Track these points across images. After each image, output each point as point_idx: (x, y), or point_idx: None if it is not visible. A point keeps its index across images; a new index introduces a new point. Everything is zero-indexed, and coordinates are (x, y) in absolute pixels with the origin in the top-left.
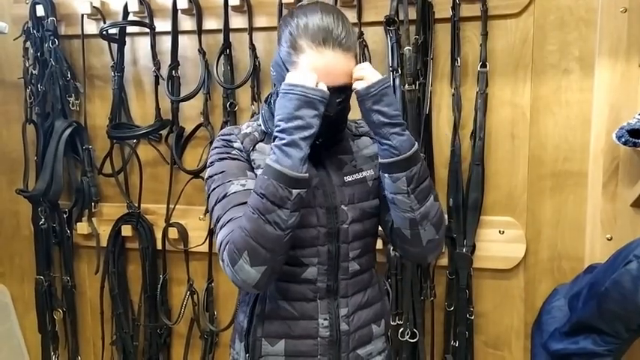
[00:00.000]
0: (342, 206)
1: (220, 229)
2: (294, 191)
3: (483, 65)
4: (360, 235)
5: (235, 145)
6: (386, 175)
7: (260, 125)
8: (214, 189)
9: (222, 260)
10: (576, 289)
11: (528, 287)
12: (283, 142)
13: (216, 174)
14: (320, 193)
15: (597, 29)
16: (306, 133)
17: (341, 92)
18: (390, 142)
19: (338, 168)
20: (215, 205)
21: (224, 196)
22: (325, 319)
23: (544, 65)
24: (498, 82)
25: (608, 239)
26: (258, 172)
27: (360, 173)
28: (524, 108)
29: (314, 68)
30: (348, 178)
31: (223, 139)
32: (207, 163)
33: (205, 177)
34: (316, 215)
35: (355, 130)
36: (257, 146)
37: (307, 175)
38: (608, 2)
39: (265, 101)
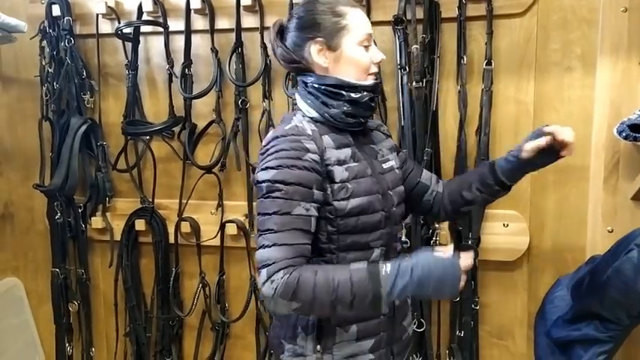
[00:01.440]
0: (389, 191)
1: (273, 245)
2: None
3: (489, 63)
4: (401, 217)
5: (309, 147)
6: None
7: (305, 116)
8: (277, 198)
9: (272, 281)
10: (578, 279)
11: (532, 278)
12: (412, 292)
13: (285, 183)
14: (375, 180)
15: (599, 28)
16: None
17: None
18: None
19: (374, 156)
20: (272, 214)
21: (286, 213)
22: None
23: (547, 63)
24: (503, 80)
25: (609, 231)
26: (333, 168)
27: (388, 163)
28: (528, 104)
29: (362, 25)
30: (384, 166)
31: (293, 140)
32: (272, 164)
33: (267, 178)
34: (378, 201)
35: (369, 124)
36: (325, 143)
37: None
38: (610, 2)
39: (306, 92)
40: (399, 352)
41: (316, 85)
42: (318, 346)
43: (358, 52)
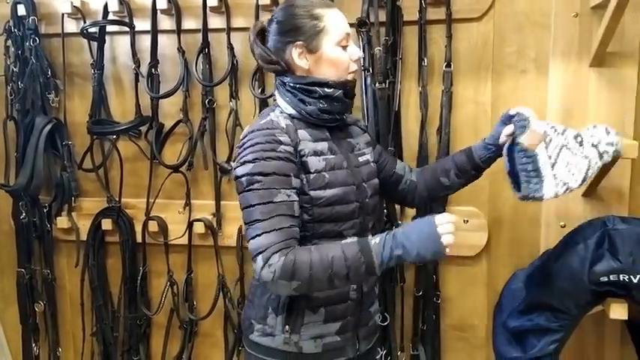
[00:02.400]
0: (364, 183)
1: (263, 233)
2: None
3: (448, 65)
4: (375, 208)
5: (282, 139)
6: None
7: (283, 112)
8: (257, 189)
9: (269, 266)
10: (531, 271)
11: (491, 272)
12: (400, 254)
13: (262, 174)
14: (350, 173)
15: (551, 33)
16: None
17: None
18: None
19: (351, 150)
20: (256, 205)
21: (269, 202)
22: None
23: (503, 66)
24: (462, 81)
25: (562, 226)
26: (308, 159)
27: (364, 156)
28: (486, 105)
29: (339, 25)
30: (360, 159)
31: (267, 134)
32: (249, 158)
33: (245, 172)
34: (353, 192)
35: (345, 118)
36: (299, 135)
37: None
38: (561, 8)
39: (284, 90)
40: (365, 337)
41: (292, 84)
42: (287, 327)
43: (337, 53)
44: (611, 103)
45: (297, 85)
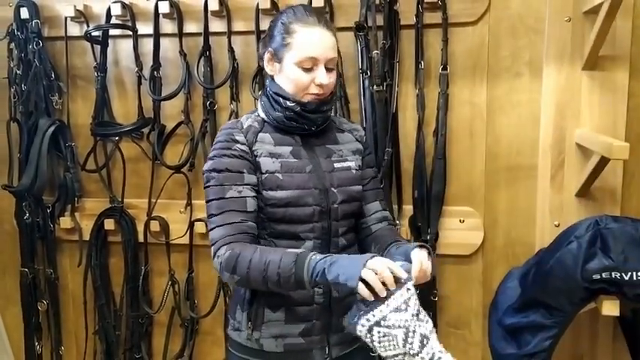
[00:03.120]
0: (332, 189)
1: (215, 227)
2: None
3: (444, 68)
4: (348, 214)
5: (239, 138)
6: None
7: (259, 115)
8: (213, 186)
9: (217, 257)
10: (526, 269)
11: (486, 271)
12: (327, 276)
13: (216, 171)
14: (314, 177)
15: (545, 37)
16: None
17: (331, 68)
18: None
19: (327, 156)
20: (210, 201)
21: (220, 198)
22: (320, 288)
23: (498, 68)
24: (458, 84)
25: (556, 225)
26: (261, 160)
27: (346, 162)
28: (481, 107)
29: (306, 47)
30: (336, 165)
31: (227, 134)
32: (210, 156)
33: (205, 169)
34: (312, 196)
35: (339, 125)
36: (259, 137)
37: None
38: (554, 12)
39: (263, 94)
40: (339, 344)
41: (268, 89)
42: (249, 323)
43: (294, 72)
44: (602, 105)
45: (271, 92)
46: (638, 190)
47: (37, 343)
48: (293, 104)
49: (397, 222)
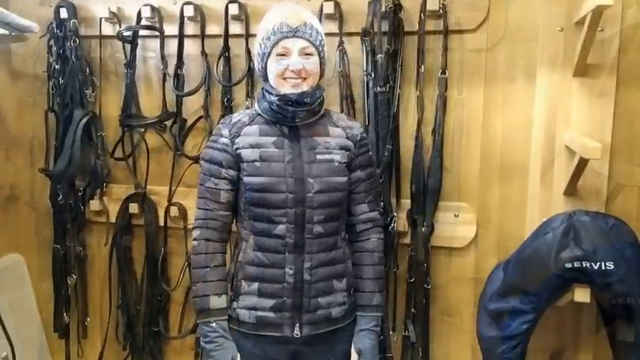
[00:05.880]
0: (309, 178)
1: (197, 207)
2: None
3: (443, 72)
4: (324, 203)
5: (224, 132)
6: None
7: (255, 109)
8: (200, 173)
9: (192, 233)
10: (509, 258)
11: (478, 263)
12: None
13: (204, 160)
14: (290, 166)
15: (539, 44)
16: None
17: (308, 54)
18: None
19: (312, 147)
20: (199, 185)
21: (202, 185)
22: (291, 269)
23: (494, 73)
24: (456, 87)
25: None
26: (241, 151)
27: (330, 155)
28: (478, 109)
29: (277, 28)
30: (319, 157)
31: (217, 128)
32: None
33: (200, 156)
34: (286, 184)
35: (336, 121)
36: (243, 131)
37: None
38: (548, 22)
39: (261, 89)
40: (310, 323)
41: (263, 85)
42: (231, 293)
43: (272, 63)
44: (591, 109)
45: (263, 87)
46: (623, 191)
47: (65, 314)
48: (275, 98)
49: (394, 214)
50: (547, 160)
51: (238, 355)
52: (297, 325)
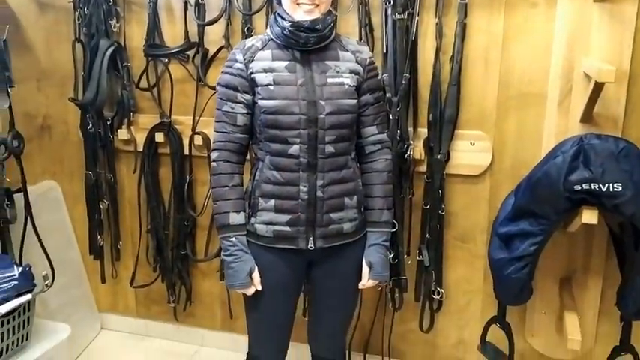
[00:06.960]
0: (321, 101)
1: (215, 131)
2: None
3: None
4: (335, 125)
5: (238, 57)
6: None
7: (267, 34)
8: (217, 98)
9: (212, 160)
10: (520, 183)
11: (492, 191)
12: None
13: (220, 85)
14: (303, 89)
15: None
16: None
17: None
18: None
19: (323, 71)
20: (216, 109)
21: (219, 109)
22: (304, 187)
23: None
24: (476, 13)
25: None
26: (255, 75)
27: (340, 78)
28: (498, 36)
29: None
30: (330, 80)
31: (232, 53)
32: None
33: (217, 81)
34: (298, 106)
35: (346, 45)
36: (256, 56)
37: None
38: None
39: (274, 14)
40: (323, 237)
41: (276, 10)
42: (249, 210)
43: None
44: (611, 35)
45: (277, 12)
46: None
47: (99, 237)
48: (288, 24)
49: (410, 142)
50: (565, 88)
51: (256, 267)
52: (311, 238)
